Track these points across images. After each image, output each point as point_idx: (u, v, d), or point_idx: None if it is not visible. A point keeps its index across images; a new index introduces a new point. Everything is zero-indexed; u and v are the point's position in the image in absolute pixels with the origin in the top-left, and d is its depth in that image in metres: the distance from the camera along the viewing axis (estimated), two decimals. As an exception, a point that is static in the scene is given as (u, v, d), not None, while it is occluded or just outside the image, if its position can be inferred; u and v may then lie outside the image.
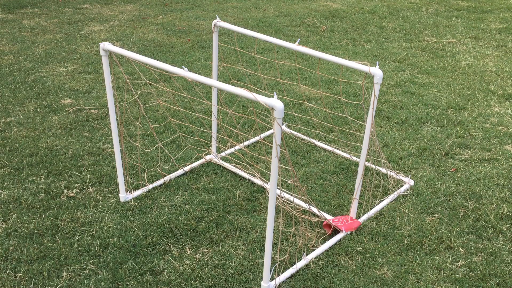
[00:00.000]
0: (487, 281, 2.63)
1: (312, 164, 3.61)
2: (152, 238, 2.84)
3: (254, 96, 2.16)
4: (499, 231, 2.99)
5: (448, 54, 5.86)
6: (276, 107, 2.11)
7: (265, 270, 2.46)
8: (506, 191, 3.35)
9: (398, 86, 4.91)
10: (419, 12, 7.59)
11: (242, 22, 6.84)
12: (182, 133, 3.92)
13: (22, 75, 4.92)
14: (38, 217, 2.98)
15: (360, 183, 2.96)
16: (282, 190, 3.26)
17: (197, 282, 2.56)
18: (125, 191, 3.15)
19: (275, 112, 2.12)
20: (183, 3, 7.78)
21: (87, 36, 6.11)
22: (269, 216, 2.32)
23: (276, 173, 2.22)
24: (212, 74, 3.38)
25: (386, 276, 2.64)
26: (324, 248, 2.80)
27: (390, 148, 3.83)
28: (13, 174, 3.37)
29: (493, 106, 4.55)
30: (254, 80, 4.91)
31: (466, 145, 3.88)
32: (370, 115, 2.75)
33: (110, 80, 2.81)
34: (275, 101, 2.12)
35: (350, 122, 4.17)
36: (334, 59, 2.76)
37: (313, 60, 5.55)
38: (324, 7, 7.75)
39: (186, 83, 4.83)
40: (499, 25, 6.98)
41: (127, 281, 2.55)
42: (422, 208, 3.17)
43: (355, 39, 6.33)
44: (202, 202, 3.16)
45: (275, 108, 2.12)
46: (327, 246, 2.82)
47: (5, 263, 2.64)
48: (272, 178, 2.23)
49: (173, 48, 5.82)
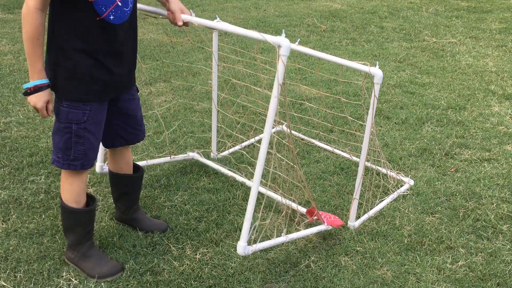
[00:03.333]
0: (487, 281, 2.63)
1: (312, 164, 3.61)
2: (152, 238, 2.84)
3: (262, 35, 2.23)
4: (499, 231, 2.99)
5: (448, 54, 5.86)
6: (282, 43, 2.18)
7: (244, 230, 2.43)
8: (506, 191, 3.35)
9: (398, 86, 4.92)
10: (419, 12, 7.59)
11: (242, 22, 6.84)
12: (182, 133, 3.92)
13: (22, 75, 4.92)
14: (38, 217, 2.98)
15: (360, 183, 2.96)
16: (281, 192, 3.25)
17: (197, 282, 2.56)
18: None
19: (281, 49, 2.18)
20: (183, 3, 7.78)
21: (87, 36, 6.10)
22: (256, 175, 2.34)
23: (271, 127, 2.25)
24: (212, 74, 3.38)
25: (386, 276, 2.64)
26: (323, 249, 2.79)
27: (390, 148, 3.83)
28: (13, 174, 3.37)
29: (493, 106, 4.55)
30: (254, 80, 4.91)
31: (466, 145, 3.88)
32: (370, 115, 2.75)
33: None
34: (282, 39, 2.18)
35: (350, 122, 4.17)
36: (334, 59, 2.76)
37: (313, 60, 5.55)
38: (324, 7, 7.75)
39: (186, 83, 4.83)
40: (499, 25, 6.98)
41: (127, 281, 2.55)
42: (422, 208, 3.17)
43: (355, 39, 6.33)
44: (202, 202, 3.16)
45: (282, 45, 2.18)
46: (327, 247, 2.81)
47: (5, 263, 2.64)
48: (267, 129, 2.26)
49: (173, 48, 5.82)
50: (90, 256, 2.58)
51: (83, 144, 2.35)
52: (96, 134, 2.40)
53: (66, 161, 2.37)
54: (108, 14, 2.17)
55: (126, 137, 2.61)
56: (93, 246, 2.63)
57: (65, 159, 2.37)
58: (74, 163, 2.38)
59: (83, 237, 2.57)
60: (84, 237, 2.57)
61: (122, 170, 2.75)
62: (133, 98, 2.56)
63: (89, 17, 2.15)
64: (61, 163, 2.39)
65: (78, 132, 2.32)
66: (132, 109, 2.56)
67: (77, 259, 2.59)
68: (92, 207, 2.55)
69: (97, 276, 2.53)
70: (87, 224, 2.57)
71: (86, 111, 2.31)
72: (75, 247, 2.58)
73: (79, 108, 2.29)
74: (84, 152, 2.37)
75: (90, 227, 2.59)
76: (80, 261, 2.58)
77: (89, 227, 2.58)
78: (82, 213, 2.53)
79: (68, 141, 2.33)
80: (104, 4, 2.14)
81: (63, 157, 2.37)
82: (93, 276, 2.54)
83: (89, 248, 2.59)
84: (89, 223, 2.58)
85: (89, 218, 2.57)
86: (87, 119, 2.32)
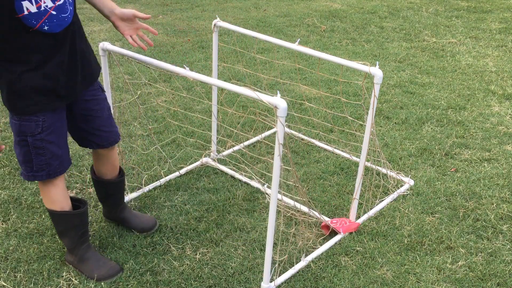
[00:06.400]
0: (487, 281, 2.63)
1: (312, 164, 3.61)
2: (152, 238, 2.84)
3: (257, 94, 2.15)
4: (499, 231, 2.99)
5: (448, 54, 5.86)
6: (280, 105, 2.10)
7: (265, 270, 2.46)
8: (506, 191, 3.35)
9: (398, 86, 4.91)
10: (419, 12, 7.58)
11: (242, 22, 6.84)
12: (182, 133, 3.92)
13: (22, 75, 4.92)
14: (38, 217, 2.98)
15: (360, 183, 2.96)
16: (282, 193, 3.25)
17: (197, 282, 2.56)
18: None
19: (278, 111, 2.10)
20: (183, 3, 7.78)
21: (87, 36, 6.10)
22: (270, 217, 2.32)
23: (278, 172, 2.21)
24: (212, 74, 3.38)
25: (386, 276, 2.64)
26: (323, 249, 2.80)
27: (390, 148, 3.83)
28: (13, 174, 3.37)
29: (493, 106, 4.55)
30: (254, 80, 4.91)
31: (466, 145, 3.88)
32: (370, 115, 2.75)
33: (109, 80, 2.81)
34: (279, 100, 2.10)
35: (350, 122, 4.17)
36: (334, 59, 2.76)
37: (313, 60, 5.55)
38: (324, 7, 7.75)
39: (186, 83, 4.83)
40: (499, 25, 6.98)
41: (127, 281, 2.55)
42: (422, 208, 3.17)
43: (355, 39, 6.33)
44: (202, 202, 3.16)
45: (278, 107, 2.10)
46: (327, 247, 2.82)
47: (5, 263, 2.64)
48: (274, 177, 2.22)
49: (173, 48, 5.82)
50: (88, 258, 2.57)
51: (43, 154, 2.27)
52: (57, 142, 2.30)
53: (30, 172, 2.32)
54: (41, 26, 2.03)
55: (94, 140, 2.50)
56: (90, 248, 2.61)
57: (28, 171, 2.31)
58: (39, 174, 2.32)
59: (78, 240, 2.55)
60: (78, 240, 2.55)
61: (107, 175, 2.70)
62: (95, 98, 2.43)
63: (20, 31, 2.01)
64: (26, 175, 2.33)
65: (35, 144, 2.24)
66: (94, 110, 2.44)
67: (76, 262, 2.59)
68: (81, 210, 2.50)
69: (97, 278, 2.53)
70: (79, 227, 2.54)
71: (39, 122, 2.21)
72: (72, 250, 2.58)
73: (30, 121, 2.20)
74: (46, 162, 2.29)
75: (83, 230, 2.56)
76: (79, 264, 2.58)
77: (82, 229, 2.55)
78: (71, 216, 2.49)
79: (27, 154, 2.27)
80: (34, 17, 2.00)
81: (26, 169, 2.31)
82: (91, 277, 2.54)
83: (86, 250, 2.58)
84: (82, 226, 2.54)
85: (80, 221, 2.53)
86: (42, 130, 2.22)
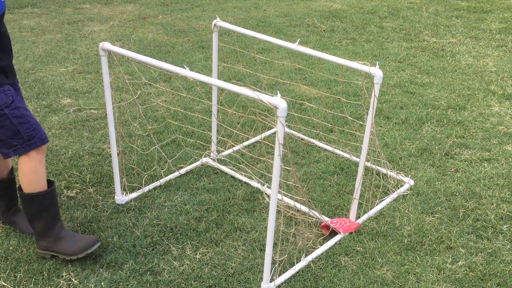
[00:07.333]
0: (487, 281, 2.63)
1: (312, 164, 3.61)
2: (152, 238, 2.84)
3: (257, 95, 2.15)
4: (499, 231, 2.99)
5: (448, 54, 5.86)
6: (280, 106, 2.10)
7: (265, 271, 2.46)
8: (506, 191, 3.35)
9: (398, 86, 4.91)
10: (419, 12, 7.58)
11: (242, 22, 6.84)
12: (182, 133, 3.92)
13: (22, 75, 4.92)
14: (38, 217, 2.98)
15: (360, 183, 2.96)
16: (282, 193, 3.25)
17: (197, 282, 2.56)
18: (121, 193, 3.13)
19: (278, 111, 2.11)
20: (183, 3, 7.78)
21: (87, 36, 6.11)
22: (270, 217, 2.32)
23: (278, 172, 2.21)
24: (212, 74, 3.38)
25: (386, 276, 2.64)
26: (323, 249, 2.80)
27: (390, 148, 3.83)
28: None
29: (493, 106, 4.55)
30: (254, 80, 4.91)
31: (466, 145, 3.88)
32: (370, 115, 2.75)
33: (109, 80, 2.81)
34: (279, 100, 2.11)
35: (350, 122, 4.17)
36: (334, 59, 2.76)
37: (313, 60, 5.55)
38: (324, 7, 7.75)
39: (186, 83, 4.83)
40: (499, 25, 6.98)
41: (127, 281, 2.55)
42: (422, 208, 3.17)
43: (355, 39, 6.33)
44: (202, 202, 3.16)
45: (278, 107, 2.11)
46: (327, 247, 2.82)
47: (5, 263, 2.64)
48: (274, 177, 2.22)
49: (173, 48, 5.82)
50: (64, 237, 2.60)
51: (26, 122, 2.37)
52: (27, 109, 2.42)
53: (23, 144, 2.38)
54: None
55: None
56: (63, 227, 2.64)
57: (21, 143, 2.38)
58: (32, 142, 2.39)
59: (51, 220, 2.58)
60: (52, 220, 2.58)
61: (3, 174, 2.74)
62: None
63: None
64: (20, 149, 2.38)
65: (13, 113, 2.34)
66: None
67: (51, 244, 2.60)
68: (53, 187, 2.55)
69: (76, 252, 2.55)
70: (52, 206, 2.58)
71: (7, 92, 2.35)
72: (46, 233, 2.59)
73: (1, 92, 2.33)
74: (32, 128, 2.39)
75: (55, 209, 2.60)
76: (55, 245, 2.59)
77: (54, 209, 2.59)
78: (47, 195, 2.53)
79: (11, 126, 2.35)
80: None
81: (18, 142, 2.37)
82: (71, 254, 2.55)
83: (61, 229, 2.61)
84: (53, 205, 2.59)
85: (52, 200, 2.58)
86: (13, 98, 2.36)
